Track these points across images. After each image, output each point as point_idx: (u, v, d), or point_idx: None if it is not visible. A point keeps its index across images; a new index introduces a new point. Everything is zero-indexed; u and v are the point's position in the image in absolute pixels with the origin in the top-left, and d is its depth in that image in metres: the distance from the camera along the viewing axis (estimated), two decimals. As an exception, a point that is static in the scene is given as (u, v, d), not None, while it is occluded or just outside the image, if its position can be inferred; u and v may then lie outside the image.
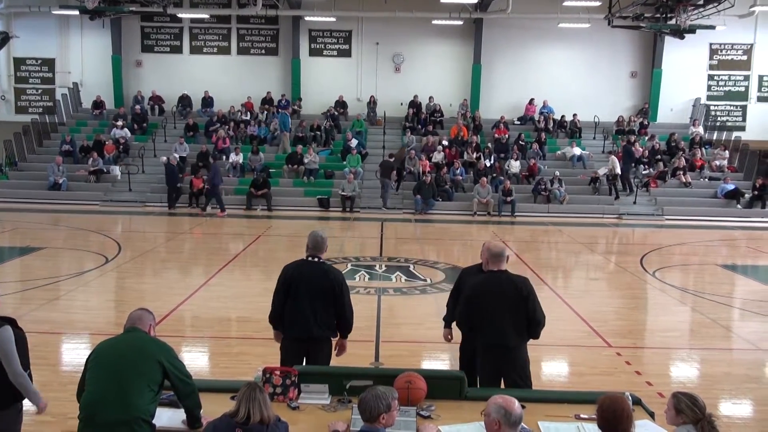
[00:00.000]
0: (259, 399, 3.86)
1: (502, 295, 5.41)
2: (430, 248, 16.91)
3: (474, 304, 5.51)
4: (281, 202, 22.69)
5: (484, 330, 5.48)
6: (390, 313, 10.28)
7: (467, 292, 5.63)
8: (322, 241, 5.76)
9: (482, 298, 5.47)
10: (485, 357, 5.55)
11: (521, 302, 5.39)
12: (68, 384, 6.08)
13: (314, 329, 5.60)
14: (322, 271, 5.66)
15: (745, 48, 28.34)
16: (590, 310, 10.51)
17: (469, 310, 5.54)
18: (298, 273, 5.65)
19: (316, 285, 5.59)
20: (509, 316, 5.39)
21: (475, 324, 5.52)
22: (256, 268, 14.20)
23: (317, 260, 5.71)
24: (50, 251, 14.79)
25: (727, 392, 7.40)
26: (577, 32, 27.16)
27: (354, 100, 28.08)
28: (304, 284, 5.60)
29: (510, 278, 5.50)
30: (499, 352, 5.42)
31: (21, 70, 28.70)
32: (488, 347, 5.50)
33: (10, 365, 4.39)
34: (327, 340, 5.75)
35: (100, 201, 22.56)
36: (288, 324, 5.67)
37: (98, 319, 9.69)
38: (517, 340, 5.44)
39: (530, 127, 27.17)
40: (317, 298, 5.59)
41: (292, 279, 5.63)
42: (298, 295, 5.60)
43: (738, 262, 16.81)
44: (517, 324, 5.40)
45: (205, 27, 28.41)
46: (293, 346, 5.65)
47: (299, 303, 5.59)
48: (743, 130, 27.91)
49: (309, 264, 5.70)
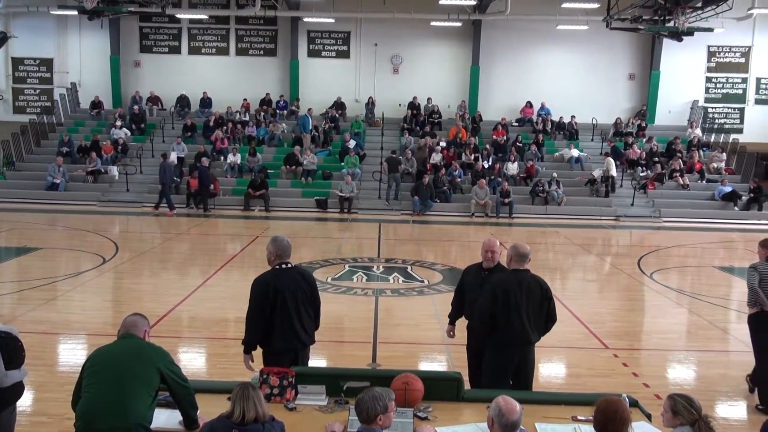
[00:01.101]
0: (253, 397, 3.87)
1: (528, 293, 5.58)
2: (428, 249, 16.91)
3: (500, 300, 5.57)
4: (279, 202, 22.68)
5: (509, 327, 5.56)
6: (387, 314, 10.28)
7: (493, 290, 5.65)
8: (289, 245, 5.60)
9: (509, 294, 5.56)
10: (502, 353, 5.63)
11: (546, 301, 5.66)
12: (65, 384, 6.08)
13: (302, 336, 5.49)
14: (299, 275, 5.53)
15: (743, 50, 28.39)
16: (587, 312, 10.52)
17: (493, 306, 5.58)
18: (279, 283, 5.40)
19: (299, 291, 5.45)
20: (533, 314, 5.60)
21: (500, 321, 5.58)
22: (253, 268, 14.15)
23: (291, 266, 5.54)
24: (47, 251, 14.78)
25: (723, 394, 7.42)
26: (575, 34, 27.19)
27: (352, 101, 28.09)
28: (288, 293, 5.39)
29: (535, 278, 5.70)
30: (521, 348, 5.63)
31: (19, 70, 28.67)
32: (509, 344, 5.61)
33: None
34: (308, 347, 5.67)
35: (98, 201, 22.54)
36: (277, 337, 5.43)
37: (95, 319, 9.68)
38: (536, 337, 5.70)
39: (528, 129, 27.19)
40: (301, 304, 5.46)
41: (276, 290, 5.37)
42: (284, 305, 5.39)
43: (735, 264, 16.81)
44: (538, 322, 5.66)
45: (203, 27, 28.41)
46: (279, 360, 5.35)
47: (286, 313, 5.40)
48: (741, 133, 27.95)
49: (285, 271, 5.48)
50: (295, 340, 5.47)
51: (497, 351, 5.66)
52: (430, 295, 11.39)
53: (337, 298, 10.78)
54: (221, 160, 24.51)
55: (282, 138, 26.11)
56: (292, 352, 5.48)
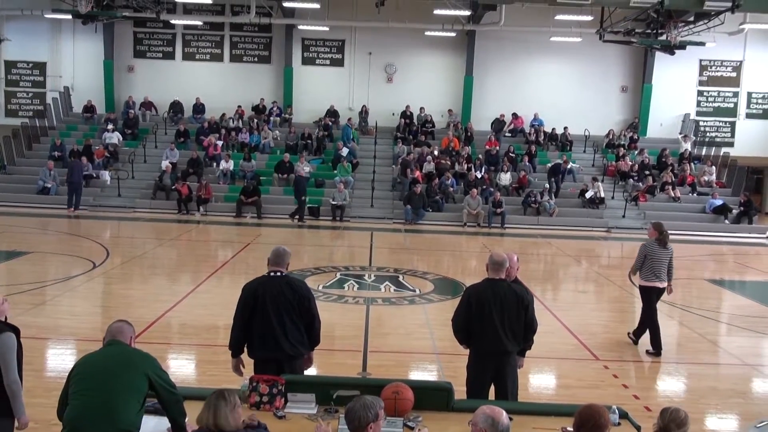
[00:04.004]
0: (214, 405, 3.82)
1: (503, 303, 5.55)
2: (420, 258, 16.91)
3: (473, 310, 5.59)
4: (271, 210, 22.63)
5: (483, 336, 5.58)
6: (378, 323, 10.27)
7: (467, 299, 5.68)
8: (284, 253, 5.58)
9: (482, 304, 5.57)
10: (481, 363, 5.66)
11: (523, 311, 5.61)
12: (53, 390, 6.01)
13: (285, 346, 5.40)
14: (286, 284, 5.46)
15: (735, 65, 28.61)
16: (578, 323, 10.53)
17: (468, 316, 5.61)
18: (262, 289, 5.43)
19: (282, 300, 5.39)
20: (509, 324, 5.56)
21: (474, 330, 5.61)
22: (244, 275, 14.09)
23: (280, 274, 5.52)
24: (37, 256, 14.69)
25: (713, 407, 7.43)
26: (568, 46, 27.35)
27: (346, 110, 28.10)
28: (269, 300, 5.38)
29: (511, 287, 5.67)
30: (497, 358, 5.60)
31: (12, 74, 28.56)
32: (485, 353, 5.62)
33: (8, 372, 4.44)
34: (299, 358, 5.54)
35: (89, 206, 22.44)
36: (257, 344, 5.45)
37: (84, 324, 9.62)
38: (514, 347, 5.65)
39: (521, 140, 27.28)
40: (284, 313, 5.39)
41: (256, 296, 5.41)
42: (264, 313, 5.38)
43: (725, 277, 16.92)
44: (516, 331, 5.61)
45: (198, 34, 28.41)
46: (265, 368, 5.34)
47: (267, 320, 5.38)
48: (732, 146, 28.14)
49: (272, 279, 5.49)
50: (277, 349, 5.40)
51: (474, 360, 5.73)
52: (422, 305, 11.38)
53: (328, 307, 10.75)
54: (213, 166, 24.47)
55: (274, 145, 26.10)
56: (274, 362, 5.40)
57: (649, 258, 8.93)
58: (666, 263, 8.97)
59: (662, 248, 8.95)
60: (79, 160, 23.00)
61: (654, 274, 8.96)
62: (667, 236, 9.04)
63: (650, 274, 8.97)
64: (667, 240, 9.02)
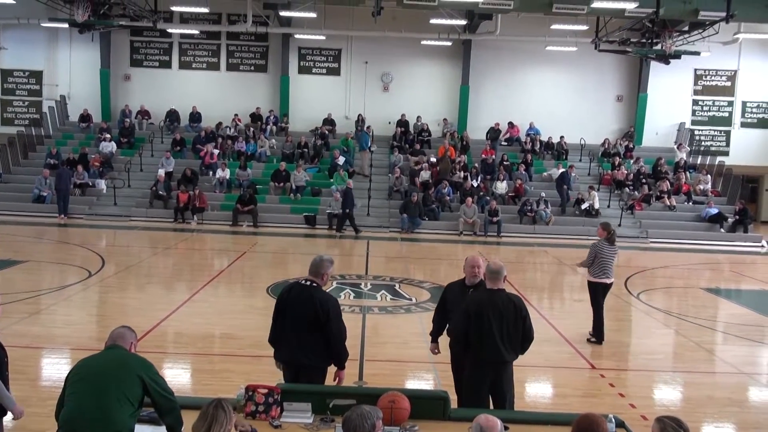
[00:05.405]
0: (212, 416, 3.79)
1: (502, 312, 5.57)
2: (416, 267, 16.89)
3: (473, 320, 5.58)
4: (267, 218, 22.61)
5: (482, 346, 5.58)
6: (374, 331, 10.24)
7: (466, 309, 5.68)
8: (319, 263, 5.59)
9: (482, 314, 5.57)
10: (479, 372, 5.65)
11: (520, 320, 5.64)
12: (48, 399, 6.00)
13: (298, 355, 5.44)
14: (308, 296, 5.46)
15: (729, 74, 28.76)
16: (574, 332, 10.51)
17: (467, 326, 5.61)
18: (287, 296, 5.58)
19: (299, 310, 5.44)
20: (508, 333, 5.58)
21: (473, 340, 5.61)
22: (240, 284, 14.12)
23: (308, 284, 5.54)
24: (33, 264, 14.65)
25: (710, 416, 7.42)
26: (564, 55, 27.45)
27: (342, 118, 28.14)
28: (289, 308, 5.51)
29: (509, 297, 5.69)
30: (495, 367, 5.61)
31: (8, 82, 28.56)
32: (484, 362, 5.62)
33: None
34: (317, 369, 5.52)
35: (85, 215, 22.41)
36: (279, 346, 5.62)
37: (79, 333, 9.59)
38: (512, 356, 5.68)
39: (517, 149, 27.33)
40: (301, 323, 5.43)
41: (281, 302, 5.59)
42: (285, 318, 5.52)
43: (721, 285, 16.93)
44: (514, 341, 5.63)
45: (194, 43, 28.45)
46: (286, 369, 5.61)
47: (285, 327, 5.51)
48: (727, 155, 28.26)
49: (298, 287, 5.56)
50: (291, 356, 5.51)
51: (472, 369, 5.72)
52: (418, 313, 11.37)
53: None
54: (210, 175, 24.45)
55: (270, 154, 26.10)
56: (294, 367, 5.52)
57: (599, 256, 9.66)
58: (613, 261, 9.80)
59: (610, 246, 9.73)
60: (67, 167, 23.12)
61: (603, 271, 9.69)
62: (614, 235, 9.86)
63: (599, 272, 9.70)
64: (614, 239, 9.84)
